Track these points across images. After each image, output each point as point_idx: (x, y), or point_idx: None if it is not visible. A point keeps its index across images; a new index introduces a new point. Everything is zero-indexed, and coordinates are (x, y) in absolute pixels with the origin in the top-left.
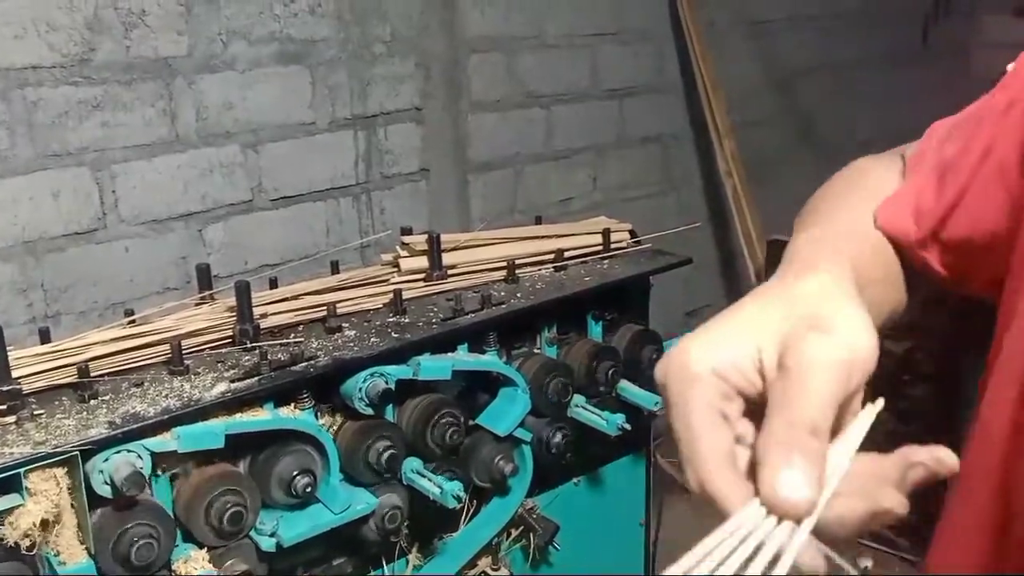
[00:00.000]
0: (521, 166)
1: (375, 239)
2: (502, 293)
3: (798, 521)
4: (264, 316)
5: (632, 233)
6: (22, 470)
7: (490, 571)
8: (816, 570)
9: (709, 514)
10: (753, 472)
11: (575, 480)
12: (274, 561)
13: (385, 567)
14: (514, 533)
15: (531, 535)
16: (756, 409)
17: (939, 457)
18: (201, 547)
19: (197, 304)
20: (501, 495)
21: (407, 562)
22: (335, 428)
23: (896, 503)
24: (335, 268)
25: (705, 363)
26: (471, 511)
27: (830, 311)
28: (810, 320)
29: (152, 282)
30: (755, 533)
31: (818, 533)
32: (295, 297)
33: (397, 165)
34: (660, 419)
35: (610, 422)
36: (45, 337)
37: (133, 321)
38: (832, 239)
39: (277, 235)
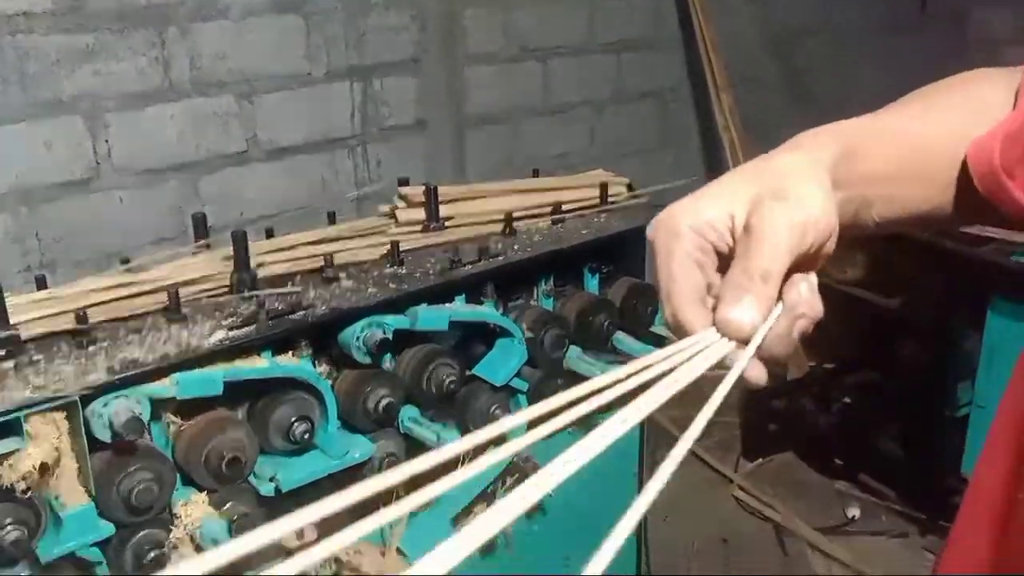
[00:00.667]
0: (518, 120)
1: (372, 190)
2: (499, 245)
3: (744, 343)
4: (261, 265)
5: (630, 187)
6: (22, 414)
7: None
8: (759, 380)
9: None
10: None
11: (569, 430)
12: (272, 506)
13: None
14: (509, 481)
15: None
16: (727, 266)
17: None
18: (201, 491)
19: (194, 253)
20: (497, 444)
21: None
22: (333, 377)
23: (806, 308)
24: (332, 219)
25: (687, 222)
26: (467, 460)
27: (792, 183)
28: (774, 190)
29: (147, 232)
30: (708, 349)
31: (761, 352)
32: (292, 247)
33: (393, 117)
34: None
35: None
36: (41, 284)
37: (129, 269)
38: (845, 129)
39: (272, 187)
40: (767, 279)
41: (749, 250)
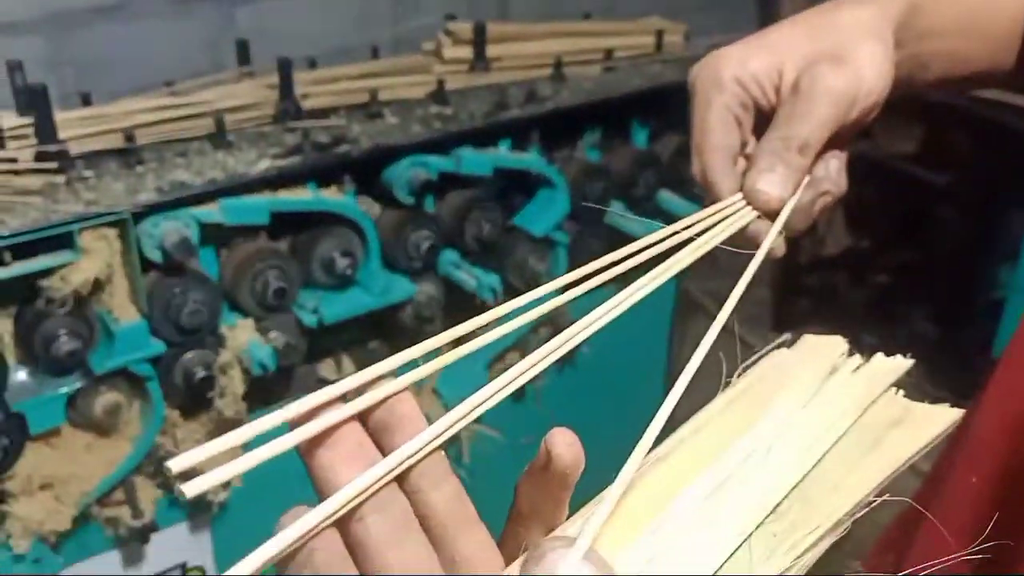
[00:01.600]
0: None
1: (417, 25)
2: (548, 91)
3: (769, 216)
4: (305, 96)
5: (687, 36)
6: (76, 227)
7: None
8: (776, 252)
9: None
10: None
11: (606, 288)
12: (313, 338)
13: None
14: (543, 332)
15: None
16: (766, 125)
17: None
18: (246, 317)
19: (236, 81)
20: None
21: (439, 351)
22: (375, 216)
23: (831, 186)
24: (375, 54)
25: (731, 71)
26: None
27: (852, 45)
28: (832, 49)
29: (185, 64)
30: (733, 217)
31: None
32: (335, 80)
33: None
34: None
35: (648, 229)
36: (87, 100)
37: (174, 92)
38: None
39: (310, 22)
40: (805, 151)
41: (793, 116)
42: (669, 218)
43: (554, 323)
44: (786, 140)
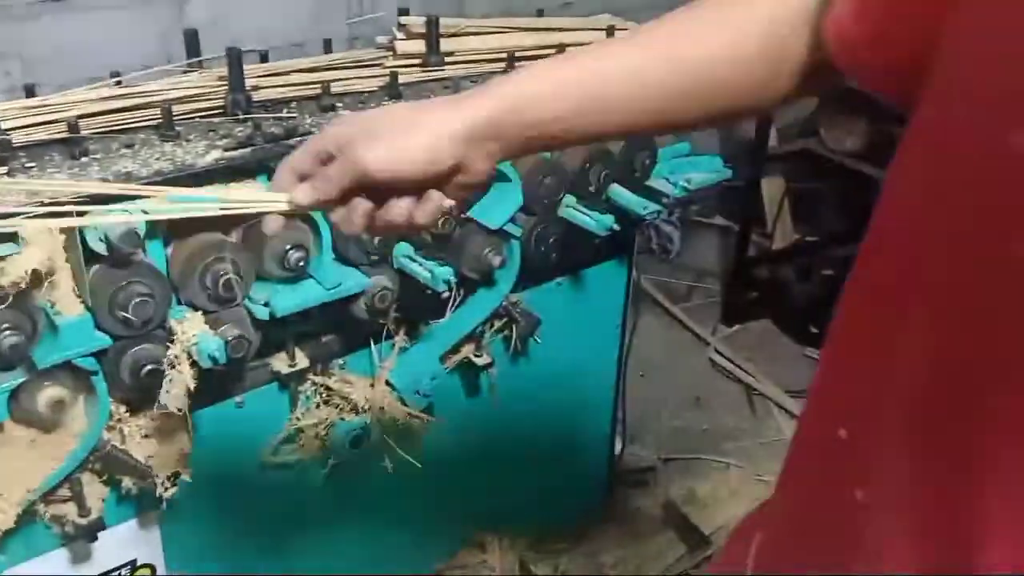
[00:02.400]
0: None
1: (370, 17)
2: None
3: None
4: (256, 89)
5: None
6: (18, 219)
7: (473, 356)
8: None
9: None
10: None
11: (558, 280)
12: (267, 331)
13: (372, 347)
14: (497, 324)
15: (514, 327)
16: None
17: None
18: (196, 310)
19: (184, 72)
20: (488, 287)
21: (393, 344)
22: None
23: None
24: (328, 47)
25: (333, 130)
26: (458, 300)
27: (403, 133)
28: (374, 134)
29: (133, 57)
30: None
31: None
32: (287, 73)
33: None
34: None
35: (600, 223)
36: (31, 93)
37: (119, 83)
38: (523, 86)
39: (261, 16)
40: (328, 185)
41: (329, 167)
42: (620, 210)
43: (508, 313)
44: (322, 176)
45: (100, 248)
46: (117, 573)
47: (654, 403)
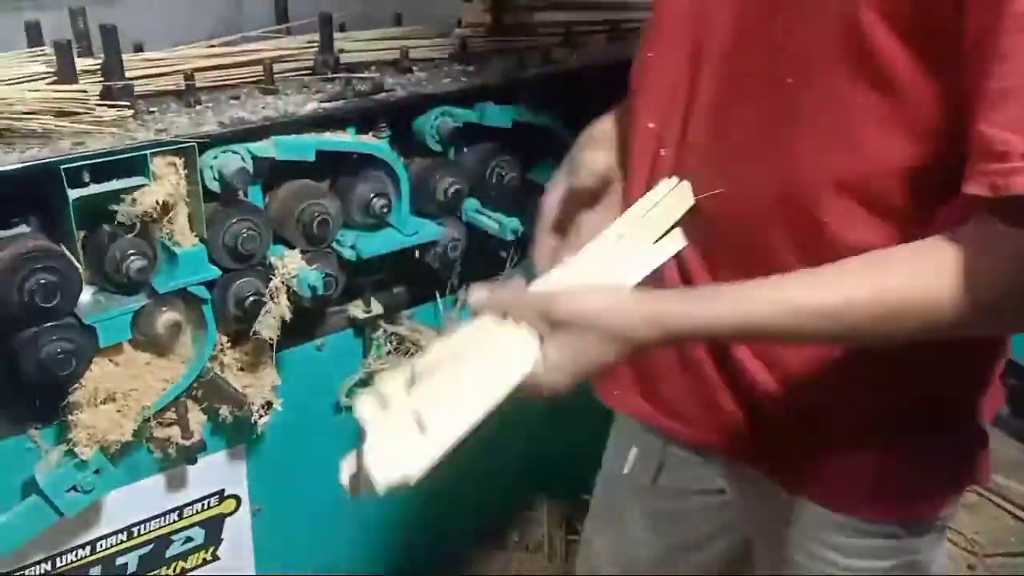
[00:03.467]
0: None
1: None
2: (560, 55)
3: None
4: (341, 51)
5: None
6: (148, 152)
7: None
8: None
9: None
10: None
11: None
12: (348, 277)
13: (438, 299)
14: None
15: None
16: None
17: None
18: (293, 248)
19: (275, 37)
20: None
21: (456, 299)
22: (404, 164)
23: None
24: (398, 20)
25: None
26: (515, 259)
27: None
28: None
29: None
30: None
31: None
32: (367, 40)
33: None
34: None
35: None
36: (139, 49)
37: (213, 45)
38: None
39: None
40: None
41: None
42: None
43: None
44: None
45: (215, 186)
46: (206, 501)
47: None
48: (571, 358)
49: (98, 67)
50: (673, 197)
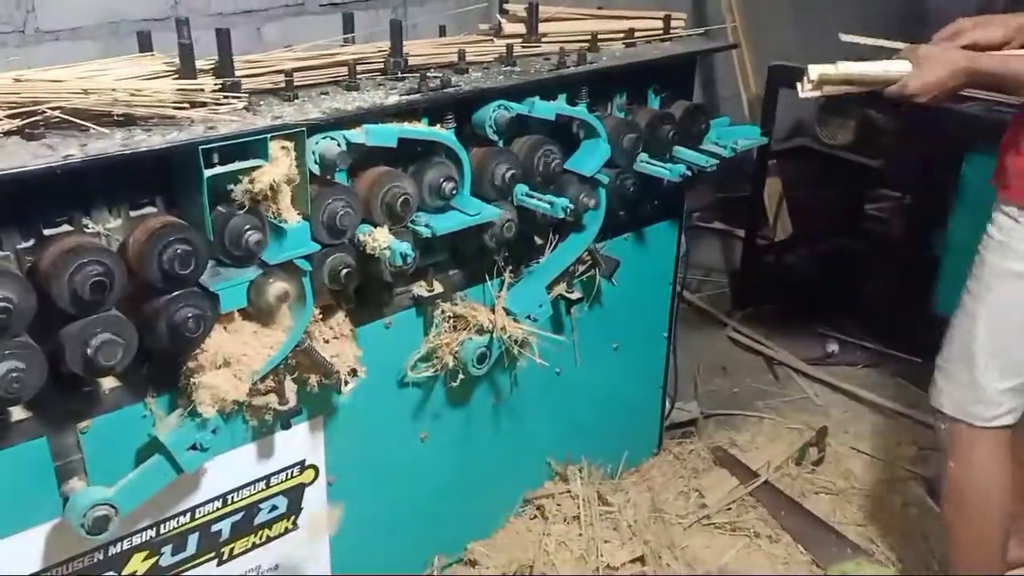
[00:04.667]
0: None
1: (471, 10)
2: (590, 57)
3: None
4: (408, 54)
5: (685, 23)
6: (268, 136)
7: (565, 292)
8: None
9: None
10: None
11: (625, 236)
12: (425, 246)
13: (488, 281)
14: (581, 268)
15: (596, 269)
16: None
17: None
18: (379, 227)
19: (342, 45)
20: (578, 231)
21: (503, 282)
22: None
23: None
24: (442, 32)
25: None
26: (553, 244)
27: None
28: None
29: None
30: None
31: None
32: (423, 46)
33: None
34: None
35: (673, 171)
36: None
37: (289, 46)
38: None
39: None
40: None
41: None
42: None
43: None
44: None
45: (315, 168)
46: (290, 471)
47: (684, 373)
48: (924, 70)
49: (209, 68)
50: None
